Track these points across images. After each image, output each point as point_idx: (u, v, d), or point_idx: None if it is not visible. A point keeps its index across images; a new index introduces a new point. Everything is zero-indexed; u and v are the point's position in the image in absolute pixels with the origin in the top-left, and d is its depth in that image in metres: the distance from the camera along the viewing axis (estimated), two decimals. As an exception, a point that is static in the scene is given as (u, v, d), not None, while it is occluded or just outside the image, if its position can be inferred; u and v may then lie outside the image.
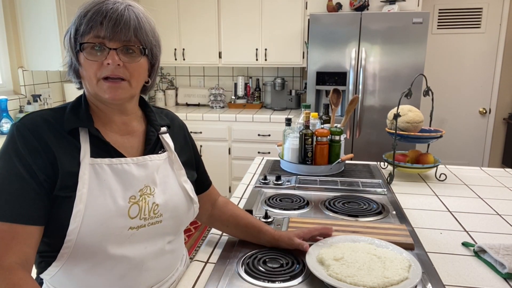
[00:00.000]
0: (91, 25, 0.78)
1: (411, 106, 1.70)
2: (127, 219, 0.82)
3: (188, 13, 3.69)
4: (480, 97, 3.87)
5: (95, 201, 0.79)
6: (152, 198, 0.86)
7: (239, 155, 3.56)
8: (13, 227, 0.73)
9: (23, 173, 0.76)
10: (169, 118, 1.02)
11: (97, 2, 0.80)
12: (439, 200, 1.45)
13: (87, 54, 0.80)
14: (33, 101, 2.98)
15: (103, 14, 0.78)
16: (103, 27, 0.78)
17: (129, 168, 0.85)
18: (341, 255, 0.92)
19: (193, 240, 3.10)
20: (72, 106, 0.86)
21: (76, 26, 0.80)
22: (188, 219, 0.97)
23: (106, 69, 0.80)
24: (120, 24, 0.78)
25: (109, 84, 0.81)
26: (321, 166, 1.68)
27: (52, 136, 0.80)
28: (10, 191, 0.75)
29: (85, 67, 0.81)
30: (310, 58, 3.14)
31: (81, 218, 0.77)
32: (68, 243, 0.77)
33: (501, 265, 0.94)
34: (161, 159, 0.91)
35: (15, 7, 2.91)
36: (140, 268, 0.86)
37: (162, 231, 0.89)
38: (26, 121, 0.80)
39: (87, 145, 0.82)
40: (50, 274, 0.82)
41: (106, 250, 0.80)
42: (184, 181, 0.94)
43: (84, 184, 0.79)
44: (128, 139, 0.90)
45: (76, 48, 0.81)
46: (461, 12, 3.71)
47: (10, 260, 0.71)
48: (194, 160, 1.05)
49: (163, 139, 0.95)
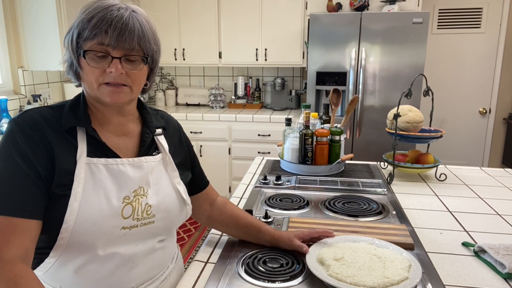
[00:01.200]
0: (95, 32, 0.78)
1: (411, 106, 1.70)
2: (120, 219, 0.82)
3: (188, 13, 3.69)
4: (480, 97, 3.87)
5: (90, 200, 0.79)
6: (145, 199, 0.87)
7: (239, 155, 3.56)
8: (14, 220, 0.74)
9: (23, 167, 0.76)
10: (165, 120, 1.03)
11: (101, 7, 0.79)
12: (439, 200, 1.45)
13: (89, 60, 0.80)
14: (33, 101, 2.98)
15: (108, 22, 0.78)
16: (108, 36, 0.78)
17: (125, 168, 0.85)
18: (341, 255, 0.92)
19: (193, 240, 3.10)
20: (71, 105, 0.87)
21: (79, 30, 0.80)
22: (180, 220, 0.97)
23: (108, 76, 0.80)
24: (125, 33, 0.79)
25: (111, 89, 0.82)
26: (321, 166, 1.68)
27: (50, 132, 0.81)
28: (10, 185, 0.75)
29: (87, 72, 0.81)
30: (310, 58, 3.14)
31: (75, 216, 0.77)
32: (61, 240, 0.78)
33: (501, 265, 0.94)
34: (156, 160, 0.92)
35: (15, 7, 2.91)
36: (131, 265, 0.86)
37: (153, 231, 0.90)
38: (25, 117, 0.80)
39: (84, 144, 0.83)
40: (42, 270, 0.83)
41: (98, 248, 0.81)
42: (177, 183, 0.95)
43: (80, 183, 0.79)
44: (123, 140, 0.90)
45: (78, 52, 0.81)
46: (461, 12, 3.71)
47: (10, 253, 0.72)
48: (189, 160, 1.05)
49: (158, 141, 0.96)
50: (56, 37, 2.88)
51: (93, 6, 0.80)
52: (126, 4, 0.83)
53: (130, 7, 0.83)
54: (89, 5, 0.81)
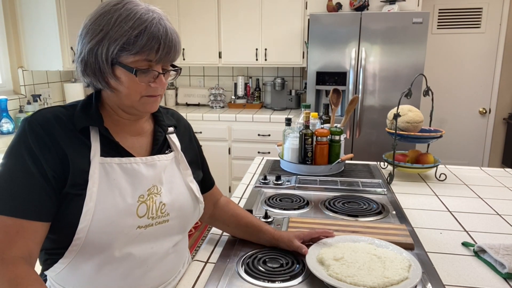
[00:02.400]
0: (146, 49, 0.77)
1: (411, 106, 1.70)
2: (136, 218, 0.82)
3: (188, 13, 3.69)
4: (480, 97, 3.87)
5: (105, 199, 0.79)
6: (159, 197, 0.87)
7: (239, 155, 3.56)
8: (18, 222, 0.74)
9: (32, 168, 0.76)
10: (175, 118, 1.03)
11: (144, 20, 0.76)
12: (439, 200, 1.45)
13: (139, 76, 0.79)
14: (33, 101, 2.98)
15: (158, 41, 0.77)
16: (158, 54, 0.78)
17: (138, 167, 0.85)
18: (341, 255, 0.92)
19: (193, 240, 3.10)
20: (83, 105, 0.86)
21: (123, 43, 0.76)
22: (194, 218, 0.98)
23: (152, 90, 0.82)
24: (171, 52, 0.80)
25: (152, 100, 0.84)
26: (321, 166, 1.68)
27: (63, 133, 0.80)
28: (17, 186, 0.75)
29: (129, 85, 0.80)
30: (310, 58, 3.14)
31: (91, 216, 0.77)
32: (77, 241, 0.78)
33: (501, 265, 0.94)
34: (168, 159, 0.92)
35: (15, 7, 2.91)
36: (145, 268, 0.86)
37: (169, 231, 0.90)
38: (38, 117, 0.80)
39: (97, 143, 0.83)
40: (55, 271, 0.83)
41: (114, 249, 0.81)
42: (190, 181, 0.95)
43: (94, 182, 0.79)
44: (137, 139, 0.91)
45: (114, 62, 0.78)
46: (461, 12, 3.71)
47: (13, 254, 0.72)
48: (200, 160, 1.06)
49: (170, 139, 0.96)
50: (56, 37, 2.88)
51: (132, 17, 0.76)
52: (155, 9, 0.81)
53: (160, 13, 0.81)
54: (126, 14, 0.77)
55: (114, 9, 0.77)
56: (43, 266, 0.86)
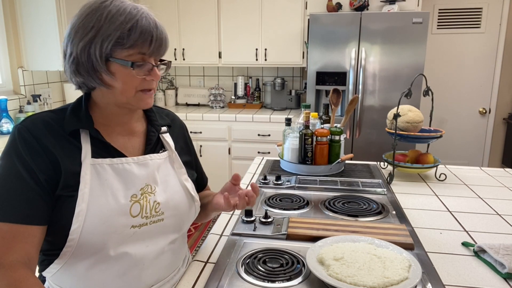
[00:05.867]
0: (139, 42, 0.78)
1: (411, 106, 1.70)
2: (129, 218, 0.83)
3: (188, 13, 3.69)
4: (480, 97, 3.88)
5: (97, 200, 0.80)
6: (153, 196, 0.87)
7: (239, 155, 3.56)
8: (14, 227, 0.74)
9: (23, 173, 0.77)
10: (170, 118, 1.04)
11: (134, 14, 0.78)
12: (439, 200, 1.45)
13: (136, 69, 0.80)
14: (33, 101, 2.98)
15: (151, 34, 0.79)
16: (151, 47, 0.80)
17: (130, 167, 0.86)
18: (341, 255, 0.92)
19: (193, 240, 3.10)
20: (73, 108, 0.87)
21: (117, 38, 0.77)
22: (190, 217, 0.98)
23: (147, 83, 0.83)
24: (162, 44, 0.82)
25: (147, 95, 0.85)
26: (321, 166, 1.68)
27: (52, 138, 0.81)
28: (10, 191, 0.76)
29: (124, 80, 0.81)
30: (310, 58, 3.14)
31: (84, 217, 0.78)
32: (71, 242, 0.78)
33: (501, 265, 0.94)
34: (162, 158, 0.92)
35: (15, 7, 2.90)
36: (141, 267, 0.87)
37: (164, 229, 0.90)
38: (27, 123, 0.81)
39: (88, 145, 0.83)
40: (51, 272, 0.84)
41: (109, 248, 0.81)
42: (185, 180, 0.95)
43: (86, 184, 0.80)
44: (129, 139, 0.91)
45: (107, 57, 0.78)
46: (461, 12, 3.71)
47: (11, 259, 0.72)
48: (194, 160, 1.07)
49: (164, 139, 0.96)
50: (56, 37, 2.88)
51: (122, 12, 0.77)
52: (140, 6, 0.82)
53: (145, 8, 0.83)
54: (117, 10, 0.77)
55: (102, 6, 0.78)
56: (40, 267, 0.87)
